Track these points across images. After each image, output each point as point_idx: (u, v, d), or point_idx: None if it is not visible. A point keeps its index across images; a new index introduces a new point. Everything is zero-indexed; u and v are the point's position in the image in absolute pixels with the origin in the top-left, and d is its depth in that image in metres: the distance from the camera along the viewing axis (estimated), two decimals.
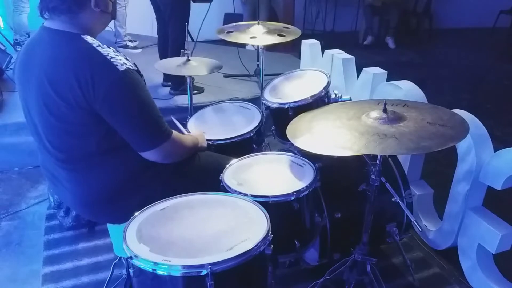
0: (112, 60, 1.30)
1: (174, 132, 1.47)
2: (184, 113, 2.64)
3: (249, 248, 1.11)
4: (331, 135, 1.38)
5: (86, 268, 2.01)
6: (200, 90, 3.47)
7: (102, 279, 1.90)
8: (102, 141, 1.38)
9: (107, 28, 1.59)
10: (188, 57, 2.27)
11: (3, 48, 3.88)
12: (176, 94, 3.32)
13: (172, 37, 3.18)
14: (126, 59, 1.35)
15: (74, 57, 1.30)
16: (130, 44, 4.55)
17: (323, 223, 1.71)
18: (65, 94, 1.29)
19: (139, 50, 4.53)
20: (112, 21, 2.21)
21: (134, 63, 1.38)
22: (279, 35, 2.31)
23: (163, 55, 3.29)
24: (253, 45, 4.81)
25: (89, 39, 1.33)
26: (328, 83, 2.01)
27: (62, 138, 1.38)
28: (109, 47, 1.35)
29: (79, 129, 1.35)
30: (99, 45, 1.33)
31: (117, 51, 1.37)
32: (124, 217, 1.33)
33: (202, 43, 4.85)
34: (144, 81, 1.42)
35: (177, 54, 3.01)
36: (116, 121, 1.34)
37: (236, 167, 1.67)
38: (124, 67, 1.30)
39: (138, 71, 1.38)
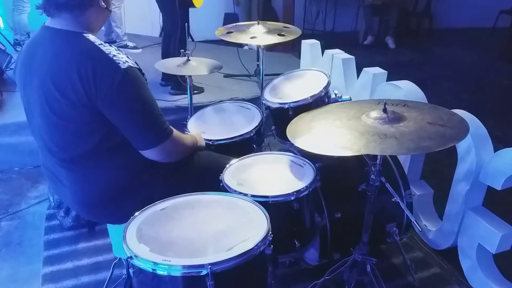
0: (114, 58, 1.30)
1: (175, 131, 1.48)
2: (184, 113, 2.64)
3: (249, 248, 1.11)
4: (331, 135, 1.38)
5: (86, 268, 2.01)
6: (200, 90, 3.47)
7: (102, 279, 1.90)
8: (103, 140, 1.38)
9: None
10: (188, 57, 2.27)
11: (3, 48, 3.88)
12: (176, 94, 3.32)
13: (173, 38, 3.20)
14: (128, 57, 1.36)
15: (77, 55, 1.31)
16: (130, 44, 4.54)
17: (323, 223, 1.71)
18: (67, 92, 1.30)
19: (139, 50, 4.52)
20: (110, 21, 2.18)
21: (136, 62, 1.39)
22: (279, 34, 2.31)
23: (165, 54, 3.30)
24: (250, 48, 4.84)
25: (91, 37, 1.34)
26: (328, 83, 2.01)
27: (63, 137, 1.38)
28: (111, 46, 1.36)
29: (81, 127, 1.36)
30: (101, 44, 1.34)
31: (119, 49, 1.37)
32: (124, 217, 1.33)
33: (202, 43, 4.87)
34: (146, 79, 1.42)
35: (171, 52, 3.05)
36: (117, 119, 1.35)
37: (236, 167, 1.67)
38: (126, 65, 1.31)
39: (140, 70, 1.39)
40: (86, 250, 2.12)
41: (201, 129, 2.01)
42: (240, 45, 4.25)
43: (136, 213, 1.29)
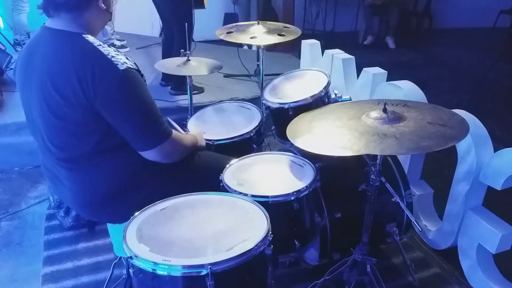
0: (112, 59, 1.30)
1: (174, 132, 1.47)
2: (184, 113, 2.64)
3: (249, 248, 1.11)
4: (331, 135, 1.38)
5: (86, 268, 2.01)
6: (200, 90, 3.47)
7: (102, 279, 1.90)
8: (102, 140, 1.38)
9: None
10: (188, 57, 2.27)
11: (3, 48, 3.88)
12: (176, 94, 3.32)
13: (177, 39, 3.19)
14: (127, 58, 1.36)
15: (76, 55, 1.31)
16: (118, 43, 4.51)
17: (323, 223, 1.71)
18: (66, 93, 1.30)
19: (127, 49, 4.50)
20: None
21: (135, 63, 1.39)
22: (279, 34, 2.31)
23: (166, 54, 3.30)
24: (249, 47, 4.84)
25: (90, 38, 1.34)
26: (328, 83, 2.01)
27: (63, 137, 1.38)
28: (110, 47, 1.36)
29: (80, 128, 1.36)
30: (100, 44, 1.34)
31: (118, 50, 1.37)
32: (124, 217, 1.33)
33: (202, 43, 4.86)
34: (145, 80, 1.42)
35: (174, 53, 3.03)
36: (116, 120, 1.35)
37: (236, 167, 1.67)
38: (124, 66, 1.31)
39: (138, 71, 1.39)
40: (86, 250, 2.12)
41: (201, 129, 2.01)
42: (240, 45, 4.25)
43: (136, 213, 1.29)
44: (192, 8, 3.08)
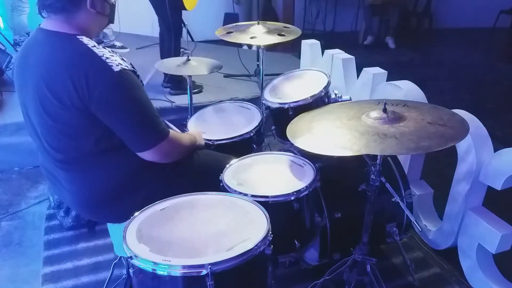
0: (107, 60, 1.29)
1: (171, 131, 1.47)
2: (184, 113, 2.64)
3: (249, 248, 1.11)
4: (331, 135, 1.38)
5: (86, 268, 2.01)
6: (199, 88, 3.47)
7: (102, 279, 1.90)
8: (99, 142, 1.38)
9: None
10: (188, 57, 2.27)
11: (3, 48, 3.88)
12: (176, 94, 3.32)
13: (167, 38, 3.20)
14: (122, 59, 1.35)
15: (70, 57, 1.30)
16: (118, 43, 4.50)
17: (323, 223, 1.71)
18: (60, 95, 1.29)
19: (127, 50, 4.49)
20: None
21: (131, 64, 1.38)
22: (279, 34, 2.31)
23: (160, 54, 3.32)
24: (249, 47, 4.84)
25: (84, 39, 1.33)
26: (328, 83, 2.01)
27: (59, 139, 1.38)
28: (104, 48, 1.34)
29: (76, 130, 1.35)
30: (95, 46, 1.32)
31: (113, 51, 1.36)
32: (124, 216, 1.33)
33: (202, 43, 4.86)
34: (142, 81, 1.42)
35: (167, 54, 3.04)
36: (112, 121, 1.34)
37: (236, 167, 1.67)
38: (119, 68, 1.29)
39: (134, 72, 1.38)
40: (86, 250, 2.12)
41: (201, 129, 2.01)
42: (240, 45, 4.25)
43: (136, 213, 1.29)
44: (167, 8, 3.07)
